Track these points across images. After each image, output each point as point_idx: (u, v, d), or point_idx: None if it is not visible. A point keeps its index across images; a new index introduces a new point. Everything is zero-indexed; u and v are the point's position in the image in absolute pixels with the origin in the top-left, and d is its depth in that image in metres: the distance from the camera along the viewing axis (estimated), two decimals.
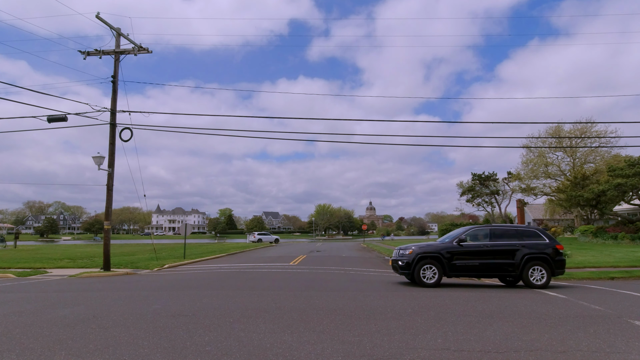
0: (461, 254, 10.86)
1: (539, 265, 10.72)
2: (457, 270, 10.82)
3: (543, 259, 10.80)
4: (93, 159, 15.54)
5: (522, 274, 10.70)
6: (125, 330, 5.84)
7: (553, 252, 10.90)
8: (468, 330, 5.89)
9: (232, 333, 5.69)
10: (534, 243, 11.00)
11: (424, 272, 10.71)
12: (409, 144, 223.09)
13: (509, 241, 11.01)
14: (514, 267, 10.76)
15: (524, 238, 11.09)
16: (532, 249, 10.85)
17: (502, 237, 11.13)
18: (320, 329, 5.90)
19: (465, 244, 10.99)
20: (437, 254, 10.84)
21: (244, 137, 58.80)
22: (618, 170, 29.80)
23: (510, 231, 11.35)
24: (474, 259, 10.84)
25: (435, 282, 10.67)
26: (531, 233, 11.30)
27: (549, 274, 10.72)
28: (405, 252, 11.15)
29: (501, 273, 10.95)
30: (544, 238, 11.17)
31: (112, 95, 16.38)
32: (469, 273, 10.89)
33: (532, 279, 10.67)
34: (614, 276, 13.40)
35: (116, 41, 16.59)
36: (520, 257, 10.73)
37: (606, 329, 6.15)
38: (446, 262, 10.77)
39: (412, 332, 5.75)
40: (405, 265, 10.94)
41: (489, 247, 10.91)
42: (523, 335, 5.71)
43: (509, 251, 10.86)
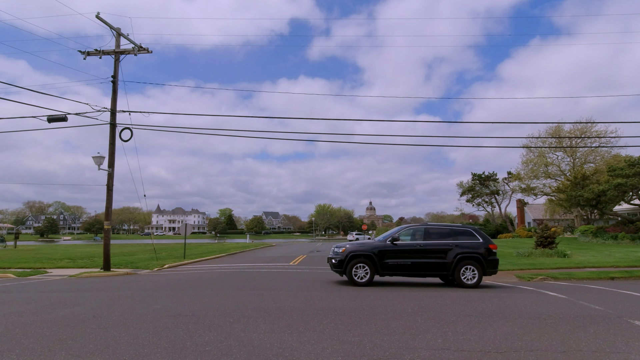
0: (394, 253, 10.82)
1: (470, 264, 10.72)
2: (389, 269, 10.80)
3: (475, 258, 10.81)
4: (93, 159, 15.54)
5: (454, 273, 10.70)
6: (125, 330, 5.84)
7: (486, 252, 10.88)
8: (468, 330, 5.89)
9: (232, 333, 5.69)
10: (467, 242, 10.99)
11: (356, 270, 10.68)
12: (409, 143, 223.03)
13: (442, 240, 11.00)
14: (446, 266, 10.74)
15: (459, 237, 11.08)
16: (465, 249, 10.85)
17: (437, 236, 11.11)
18: (321, 329, 5.90)
19: (399, 243, 10.95)
20: (369, 252, 10.79)
21: (244, 136, 59.12)
22: (618, 170, 29.80)
23: (445, 230, 11.35)
24: (406, 258, 10.79)
25: (367, 281, 10.63)
26: (466, 232, 11.27)
27: (480, 274, 10.74)
28: (339, 251, 11.11)
29: (433, 272, 10.93)
30: (478, 237, 11.15)
31: (112, 95, 16.38)
32: (401, 272, 10.85)
33: (464, 278, 10.68)
34: (614, 276, 13.40)
35: (116, 41, 16.59)
36: (453, 256, 10.74)
37: (606, 329, 6.15)
38: (378, 261, 10.73)
39: (412, 332, 5.75)
40: (338, 264, 10.94)
41: (422, 246, 10.88)
42: (523, 335, 5.71)
43: (441, 250, 10.86)
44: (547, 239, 21.36)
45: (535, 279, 13.07)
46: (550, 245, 20.95)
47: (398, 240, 11.00)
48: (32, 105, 14.94)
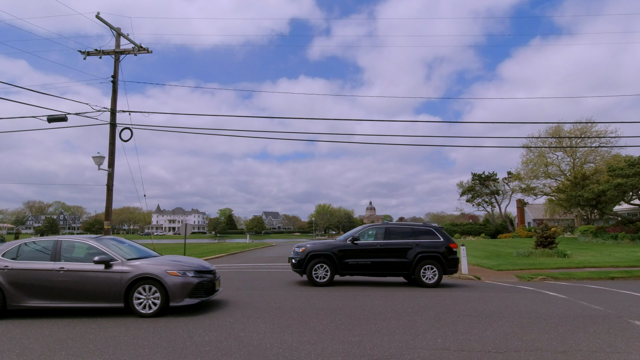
0: (354, 253, 10.72)
1: (431, 264, 10.68)
2: (350, 269, 10.69)
3: (435, 257, 10.76)
4: (93, 159, 15.53)
5: (414, 272, 10.63)
6: (125, 330, 5.84)
7: (446, 251, 10.83)
8: (468, 330, 5.89)
9: (232, 333, 5.69)
10: (428, 241, 10.92)
11: (316, 271, 10.57)
12: (409, 143, 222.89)
13: (403, 239, 10.92)
14: (407, 265, 10.68)
15: (419, 236, 11.01)
16: (426, 248, 10.78)
17: (398, 235, 11.03)
18: (321, 329, 5.91)
19: (360, 243, 10.85)
20: (329, 252, 10.68)
21: (244, 136, 59.23)
22: (618, 170, 29.79)
23: (406, 229, 11.27)
24: (366, 258, 10.70)
25: (327, 281, 10.51)
26: (427, 231, 11.21)
27: (440, 273, 10.69)
28: (299, 250, 10.98)
29: (394, 272, 10.84)
30: (439, 237, 11.10)
31: (112, 95, 16.37)
32: (361, 272, 10.75)
33: (424, 277, 10.63)
34: (614, 276, 13.39)
35: (116, 41, 16.58)
36: (413, 256, 10.67)
37: (606, 329, 6.15)
38: (338, 260, 10.63)
39: (412, 332, 5.75)
40: (297, 263, 10.82)
41: (382, 246, 10.80)
42: (523, 335, 5.71)
43: (402, 249, 10.78)
44: (547, 239, 21.33)
45: (535, 279, 13.06)
46: (550, 245, 20.93)
47: (359, 240, 10.90)
48: (32, 105, 14.93)
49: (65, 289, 6.72)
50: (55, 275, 6.73)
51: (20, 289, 6.69)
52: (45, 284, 6.72)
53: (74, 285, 6.73)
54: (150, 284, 6.77)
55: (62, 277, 6.73)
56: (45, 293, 6.72)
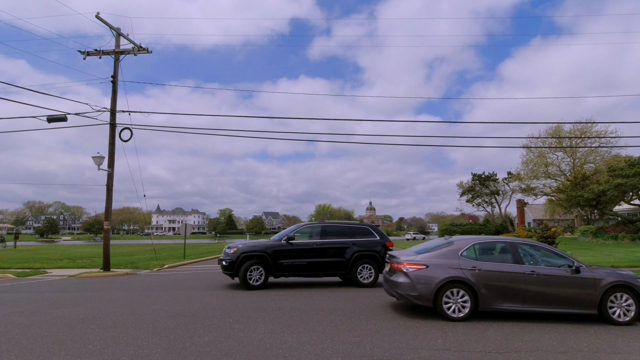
0: (289, 253, 10.26)
1: (367, 263, 10.51)
2: (285, 270, 10.23)
3: (372, 256, 10.61)
4: (93, 159, 15.52)
5: (350, 272, 10.42)
6: (125, 331, 5.82)
7: (383, 250, 10.69)
8: (468, 331, 5.88)
9: (232, 333, 5.68)
10: (364, 241, 10.74)
11: (251, 273, 9.95)
12: (409, 143, 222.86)
13: (339, 239, 10.64)
14: (343, 265, 10.44)
15: (356, 236, 10.80)
16: (362, 247, 10.61)
17: (334, 234, 10.71)
18: (320, 329, 5.89)
19: (295, 242, 10.40)
20: (262, 253, 10.11)
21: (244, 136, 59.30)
22: (618, 170, 29.79)
23: (343, 228, 10.98)
24: (302, 258, 10.28)
25: (262, 283, 10.01)
26: (363, 230, 11.03)
27: (377, 272, 10.53)
28: (230, 251, 10.25)
29: (330, 272, 10.54)
30: (375, 235, 10.95)
31: (111, 95, 16.36)
32: (297, 273, 10.33)
33: (360, 277, 10.44)
34: None
35: (116, 41, 16.57)
36: (350, 255, 10.47)
37: (607, 329, 6.14)
38: (272, 261, 10.11)
39: (412, 332, 5.74)
40: (228, 265, 10.07)
41: (318, 245, 10.45)
42: (523, 335, 5.70)
43: (338, 249, 10.51)
44: (547, 239, 21.29)
45: None
46: None
47: (294, 239, 10.45)
48: (31, 105, 14.95)
49: (538, 292, 6.61)
50: (528, 278, 6.61)
51: (492, 291, 6.57)
52: (519, 287, 6.57)
53: (548, 289, 6.61)
54: (624, 292, 6.59)
55: (534, 281, 6.60)
56: (518, 297, 6.59)
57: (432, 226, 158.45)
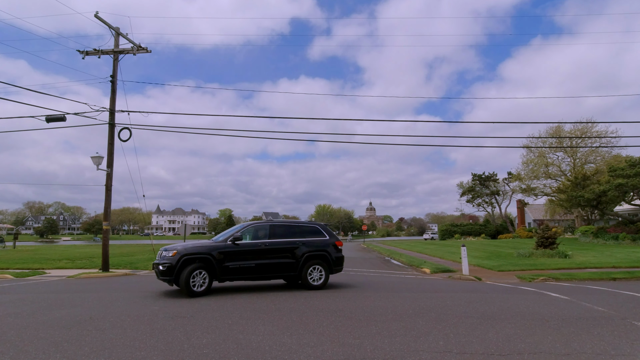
0: (236, 255, 9.54)
1: (318, 264, 10.14)
2: (231, 273, 9.47)
3: (322, 257, 10.27)
4: (92, 159, 15.45)
5: (301, 273, 9.99)
6: (122, 332, 5.75)
7: (333, 250, 10.46)
8: (470, 332, 5.80)
9: (230, 335, 5.60)
10: (314, 240, 10.39)
11: (194, 278, 8.99)
12: (409, 142, 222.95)
13: (289, 239, 10.20)
14: (293, 266, 9.99)
15: (306, 235, 10.41)
16: (312, 247, 10.24)
17: (283, 234, 10.24)
18: (320, 331, 5.82)
19: (242, 243, 9.72)
20: (207, 255, 9.24)
21: (245, 136, 59.24)
22: (619, 170, 29.72)
23: (292, 228, 10.56)
24: (250, 260, 9.67)
25: (206, 289, 9.13)
26: (313, 229, 10.68)
27: (327, 273, 10.26)
28: (168, 254, 9.17)
29: (280, 274, 10.07)
30: (325, 235, 10.64)
31: (111, 95, 16.31)
32: (245, 276, 9.68)
33: (311, 278, 10.04)
34: (615, 277, 13.31)
35: (115, 40, 16.52)
36: (300, 256, 10.03)
37: (610, 330, 6.06)
38: (218, 264, 9.28)
39: (413, 334, 5.66)
40: (167, 270, 8.99)
41: (267, 246, 9.89)
42: (526, 337, 5.62)
43: (288, 250, 10.05)
44: (548, 240, 21.25)
45: (536, 279, 12.98)
46: (551, 246, 20.84)
47: (240, 239, 9.73)
48: (31, 105, 14.89)
49: None
50: None
51: None
52: None
53: None
54: None
55: None
56: None
57: (433, 226, 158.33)
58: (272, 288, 10.50)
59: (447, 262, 19.61)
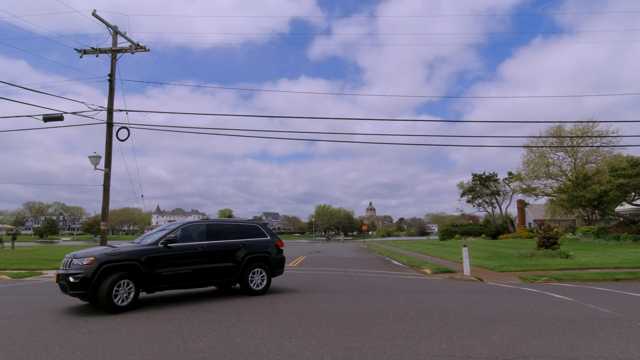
0: (169, 260, 8.18)
1: (259, 267, 9.37)
2: (163, 282, 8.06)
3: (264, 259, 9.54)
4: (89, 159, 15.31)
5: (242, 278, 9.09)
6: (117, 336, 5.61)
7: (274, 251, 9.80)
8: (473, 335, 5.65)
9: (227, 338, 5.46)
10: (255, 241, 9.60)
11: (117, 290, 7.35)
12: (410, 142, 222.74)
13: (228, 239, 9.23)
14: (234, 271, 9.04)
15: (245, 235, 9.56)
16: (254, 248, 9.44)
17: (222, 234, 9.24)
18: (320, 334, 5.67)
19: (176, 246, 8.37)
20: (133, 262, 7.64)
21: (245, 135, 59.17)
22: (620, 170, 29.58)
23: (230, 227, 9.60)
24: (186, 265, 8.38)
25: (131, 303, 7.50)
26: (252, 229, 9.84)
27: (269, 276, 9.53)
28: (82, 262, 7.39)
29: (220, 279, 8.98)
30: (266, 234, 9.91)
31: (109, 94, 16.17)
32: (180, 284, 8.35)
33: (252, 283, 9.20)
34: (618, 277, 13.16)
35: (113, 39, 16.38)
36: (241, 258, 9.14)
37: (617, 333, 5.92)
38: (147, 272, 7.76)
39: (415, 337, 5.52)
40: (80, 283, 7.19)
41: (205, 249, 8.75)
42: (531, 340, 5.47)
43: (228, 252, 9.09)
44: (549, 240, 21.10)
45: (538, 280, 12.83)
46: (553, 246, 20.69)
47: (174, 242, 8.37)
48: (29, 105, 14.74)
49: None
50: None
51: None
52: None
53: None
54: None
55: None
56: None
57: (433, 227, 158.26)
58: (269, 290, 10.35)
59: (448, 263, 19.45)
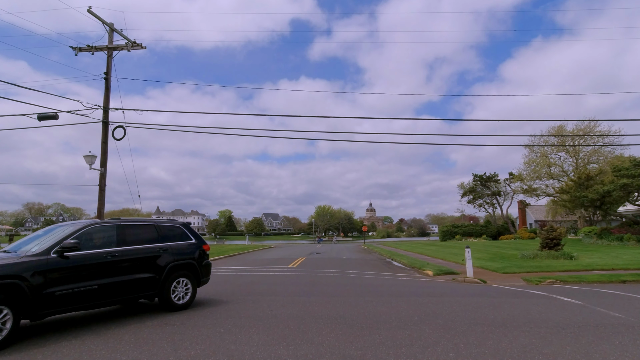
0: (67, 274, 6.05)
1: (184, 276, 7.81)
2: (59, 304, 5.87)
3: (190, 266, 8.01)
4: (84, 158, 15.00)
5: (162, 291, 7.36)
6: (104, 342, 5.30)
7: (200, 256, 8.32)
8: (482, 342, 5.35)
9: (221, 345, 5.16)
10: (179, 245, 7.97)
11: None
12: (410, 141, 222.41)
13: (146, 244, 7.39)
14: (154, 283, 7.23)
15: (167, 238, 7.84)
16: (177, 255, 7.81)
17: (137, 239, 7.31)
18: (319, 341, 5.37)
19: (76, 255, 6.21)
20: (11, 280, 5.40)
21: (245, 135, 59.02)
22: (624, 170, 29.28)
23: (148, 229, 7.67)
24: (90, 280, 6.29)
25: (6, 337, 5.19)
26: (174, 231, 8.17)
27: (194, 287, 8.01)
28: None
29: (136, 295, 6.97)
30: (190, 237, 8.36)
31: (104, 93, 15.87)
32: (83, 305, 6.21)
33: (175, 296, 7.56)
34: (625, 279, 12.85)
35: (109, 37, 16.09)
36: (163, 267, 7.42)
37: (632, 340, 5.61)
38: (32, 293, 5.56)
39: (420, 344, 5.21)
40: None
41: (116, 257, 6.76)
42: (543, 347, 5.17)
43: (147, 260, 7.23)
44: (552, 241, 20.77)
45: (543, 282, 12.52)
46: (556, 247, 20.37)
47: (73, 249, 6.16)
48: (30, 104, 14.47)
49: None
50: None
51: None
52: None
53: None
54: None
55: None
56: None
57: (433, 227, 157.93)
58: (268, 292, 10.04)
59: (450, 264, 19.15)
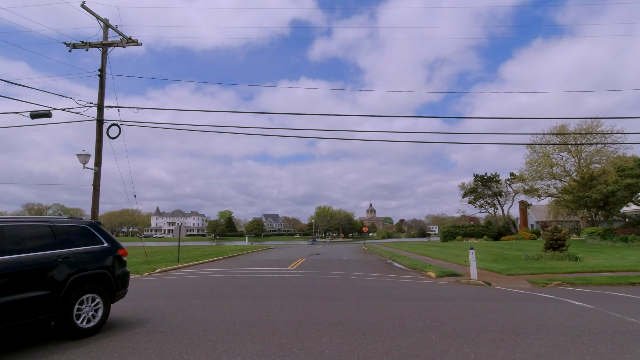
0: None
1: (92, 291, 5.97)
2: None
3: (101, 278, 6.21)
4: (77, 157, 14.63)
5: (62, 312, 5.47)
6: (86, 353, 4.92)
7: (115, 265, 6.53)
8: (493, 352, 4.96)
9: (212, 355, 4.78)
10: (85, 251, 6.10)
11: None
12: (411, 141, 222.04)
13: (39, 252, 5.49)
14: (49, 303, 5.35)
15: (69, 243, 5.93)
16: (84, 264, 5.95)
17: (26, 244, 5.41)
18: (318, 350, 4.98)
19: None
20: None
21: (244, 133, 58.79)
22: (628, 170, 28.90)
23: (41, 231, 5.73)
24: None
25: None
26: (78, 233, 6.22)
27: (107, 305, 6.17)
28: None
29: (24, 321, 5.05)
30: (102, 240, 6.50)
31: (99, 90, 15.51)
32: None
33: (80, 319, 5.71)
34: (634, 282, 12.46)
35: (104, 33, 15.74)
36: (62, 282, 5.54)
37: None
38: None
39: (427, 354, 4.83)
40: None
41: None
42: (559, 356, 4.79)
43: (39, 272, 5.34)
44: (557, 242, 20.38)
45: (550, 284, 12.13)
46: (561, 248, 19.97)
47: None
48: (26, 102, 14.10)
49: None
50: None
51: None
52: None
53: None
54: None
55: None
56: None
57: (433, 228, 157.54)
58: (266, 296, 9.65)
59: (452, 265, 18.76)
